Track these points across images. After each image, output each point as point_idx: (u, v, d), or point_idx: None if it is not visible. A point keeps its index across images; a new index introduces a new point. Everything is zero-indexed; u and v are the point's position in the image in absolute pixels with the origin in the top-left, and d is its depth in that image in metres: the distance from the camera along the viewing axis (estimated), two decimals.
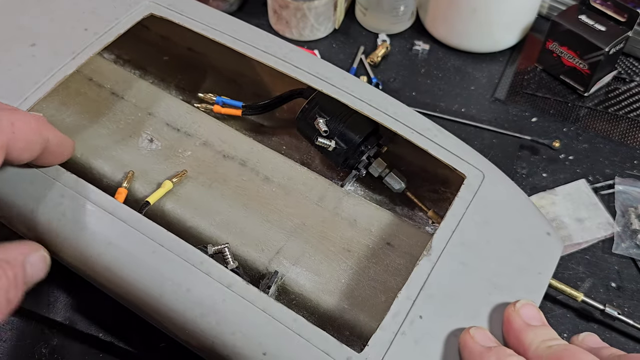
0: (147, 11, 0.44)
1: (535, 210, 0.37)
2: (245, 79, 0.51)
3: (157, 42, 0.53)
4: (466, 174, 0.37)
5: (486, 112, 0.57)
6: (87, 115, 0.45)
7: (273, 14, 0.63)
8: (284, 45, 0.43)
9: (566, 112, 0.57)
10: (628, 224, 0.47)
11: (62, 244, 0.34)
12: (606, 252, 0.47)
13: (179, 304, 0.32)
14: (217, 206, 0.41)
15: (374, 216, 0.41)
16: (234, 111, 0.47)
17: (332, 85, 0.40)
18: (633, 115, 0.57)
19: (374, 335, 0.31)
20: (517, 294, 0.33)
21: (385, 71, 0.61)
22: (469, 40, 0.62)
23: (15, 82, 0.38)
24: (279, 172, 0.43)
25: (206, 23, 0.43)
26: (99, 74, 0.48)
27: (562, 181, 0.51)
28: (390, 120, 0.39)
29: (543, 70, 0.61)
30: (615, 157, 0.53)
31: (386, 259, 0.39)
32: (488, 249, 0.35)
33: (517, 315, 0.30)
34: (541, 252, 0.36)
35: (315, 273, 0.38)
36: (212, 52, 0.51)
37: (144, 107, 0.46)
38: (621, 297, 0.44)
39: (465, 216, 0.36)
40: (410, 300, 0.32)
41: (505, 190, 0.38)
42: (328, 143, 0.42)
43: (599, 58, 0.54)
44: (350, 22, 0.66)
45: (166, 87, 0.52)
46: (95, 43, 0.41)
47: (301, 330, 0.30)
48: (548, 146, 0.52)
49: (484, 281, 0.33)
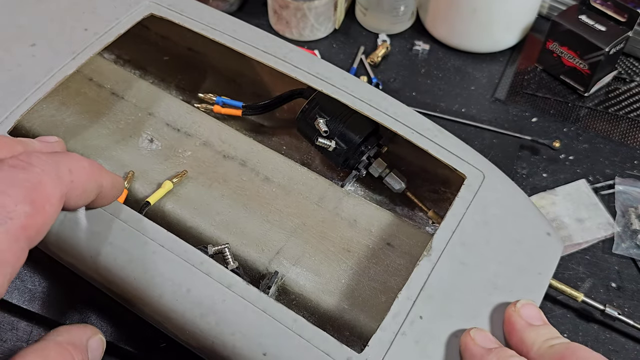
0: (148, 11, 0.44)
1: (536, 210, 0.37)
2: (245, 79, 0.51)
3: (157, 42, 0.53)
4: (466, 174, 0.37)
5: (486, 112, 0.57)
6: (87, 115, 0.45)
7: (273, 14, 0.63)
8: (284, 45, 0.43)
9: (566, 112, 0.57)
10: (628, 224, 0.47)
11: (61, 243, 0.34)
12: (606, 252, 0.47)
13: (178, 304, 0.32)
14: (217, 206, 0.41)
15: (374, 216, 0.41)
16: (234, 111, 0.47)
17: (332, 85, 0.40)
18: (633, 116, 0.57)
19: (374, 335, 0.31)
20: (517, 294, 0.33)
21: (386, 71, 0.61)
22: (469, 40, 0.61)
23: (15, 82, 0.38)
24: (279, 172, 0.43)
25: (206, 23, 0.43)
26: (99, 74, 0.48)
27: (562, 181, 0.51)
28: (390, 120, 0.39)
29: (543, 71, 0.61)
30: (615, 157, 0.53)
31: (386, 259, 0.39)
32: (488, 249, 0.35)
33: (517, 315, 0.30)
34: (541, 252, 0.36)
35: (316, 273, 0.38)
36: (212, 52, 0.51)
37: (144, 107, 0.46)
38: (621, 297, 0.44)
39: (465, 216, 0.36)
40: (411, 300, 0.32)
41: (506, 190, 0.38)
42: (328, 143, 0.42)
43: (599, 58, 0.54)
44: (351, 22, 0.66)
45: (166, 87, 0.52)
46: (96, 43, 0.41)
47: (301, 331, 0.30)
48: (548, 146, 0.52)
49: (484, 281, 0.33)
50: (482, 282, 0.33)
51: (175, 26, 0.43)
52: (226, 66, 0.51)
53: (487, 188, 0.37)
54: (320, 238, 0.40)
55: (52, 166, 0.25)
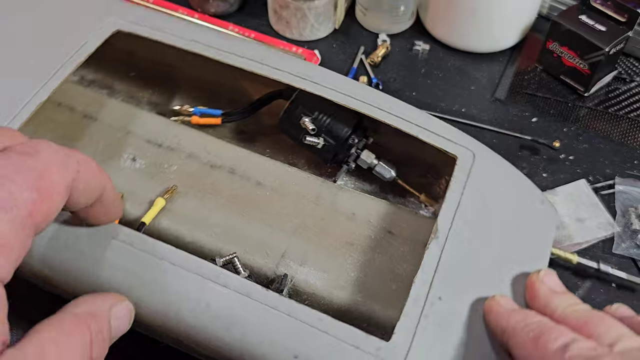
0: (114, 28, 0.42)
1: (528, 181, 0.39)
2: (218, 87, 0.51)
3: (122, 58, 0.52)
4: (457, 155, 0.38)
5: (486, 112, 0.57)
6: (63, 141, 0.44)
7: (273, 14, 0.62)
8: (259, 48, 0.42)
9: (566, 112, 0.57)
10: (628, 224, 0.47)
11: (63, 274, 0.33)
12: (606, 252, 0.47)
13: (199, 320, 0.31)
14: (214, 218, 0.41)
15: (371, 207, 0.41)
16: (213, 120, 0.47)
17: (314, 83, 0.40)
18: (633, 116, 0.56)
19: (398, 322, 0.31)
20: (525, 263, 0.35)
21: (386, 71, 0.61)
22: (469, 40, 0.61)
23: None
24: (270, 176, 0.43)
25: (177, 34, 0.42)
26: (67, 97, 0.46)
27: (562, 181, 0.51)
28: (376, 111, 0.40)
29: (543, 70, 0.61)
30: (615, 157, 0.53)
31: (389, 247, 0.40)
32: (490, 224, 0.36)
33: (541, 283, 0.32)
34: (539, 221, 0.37)
35: (324, 270, 0.39)
36: (182, 63, 0.50)
37: (120, 127, 0.45)
38: (621, 297, 0.44)
39: (463, 196, 0.37)
40: (427, 283, 0.33)
41: (497, 165, 0.39)
42: (316, 141, 0.42)
43: (599, 58, 0.54)
44: (351, 22, 0.65)
45: (137, 103, 0.51)
46: (66, 65, 0.40)
47: (328, 328, 0.31)
48: (548, 146, 0.52)
49: (492, 255, 0.35)
50: (491, 257, 0.34)
51: (140, 41, 0.42)
52: (198, 76, 0.51)
53: (479, 166, 0.38)
54: (322, 235, 0.40)
55: (60, 155, 0.24)
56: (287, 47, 0.63)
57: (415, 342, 0.31)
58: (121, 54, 0.51)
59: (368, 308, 0.37)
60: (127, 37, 0.43)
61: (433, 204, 0.44)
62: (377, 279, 0.38)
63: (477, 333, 0.32)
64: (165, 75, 0.51)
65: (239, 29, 0.63)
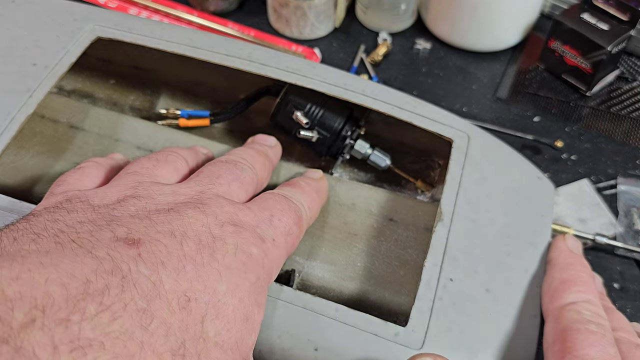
0: (94, 35, 0.42)
1: (523, 158, 0.39)
2: (201, 88, 0.50)
3: (99, 66, 0.51)
4: (453, 138, 0.39)
5: (488, 112, 0.57)
6: (51, 154, 0.43)
7: (273, 12, 0.62)
8: (245, 46, 0.42)
9: (568, 112, 0.57)
10: (630, 224, 0.47)
11: None
12: (609, 253, 0.47)
13: None
14: None
15: (370, 196, 0.42)
16: (201, 122, 0.46)
17: (303, 76, 0.40)
18: (636, 115, 0.56)
19: (413, 306, 0.32)
20: (529, 238, 0.35)
21: (387, 70, 0.61)
22: (471, 39, 0.61)
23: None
24: None
25: (159, 37, 0.42)
26: (50, 109, 0.45)
27: (564, 181, 0.51)
28: (368, 100, 0.40)
29: (545, 70, 0.61)
30: (617, 157, 0.53)
31: (393, 234, 0.40)
32: (492, 202, 0.36)
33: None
34: (537, 196, 0.38)
35: (331, 263, 0.39)
36: (162, 66, 0.50)
37: (108, 135, 0.44)
38: (624, 298, 0.45)
39: (463, 177, 0.37)
40: (438, 266, 0.33)
41: (492, 145, 0.39)
42: (310, 134, 0.42)
43: (602, 57, 0.54)
44: (351, 21, 0.65)
45: (120, 110, 0.50)
46: (49, 77, 0.39)
47: (346, 318, 0.31)
48: (550, 146, 0.52)
49: (497, 233, 0.35)
50: (496, 235, 0.35)
51: (118, 47, 0.42)
52: (180, 78, 0.50)
53: (474, 146, 0.39)
54: (324, 228, 0.40)
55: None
56: (286, 46, 0.62)
57: (432, 324, 0.31)
58: (98, 63, 0.50)
59: (378, 296, 0.37)
60: (103, 45, 0.42)
61: (429, 189, 0.45)
62: (385, 267, 0.39)
63: (491, 310, 0.32)
64: (146, 80, 0.51)
65: (238, 27, 0.62)
